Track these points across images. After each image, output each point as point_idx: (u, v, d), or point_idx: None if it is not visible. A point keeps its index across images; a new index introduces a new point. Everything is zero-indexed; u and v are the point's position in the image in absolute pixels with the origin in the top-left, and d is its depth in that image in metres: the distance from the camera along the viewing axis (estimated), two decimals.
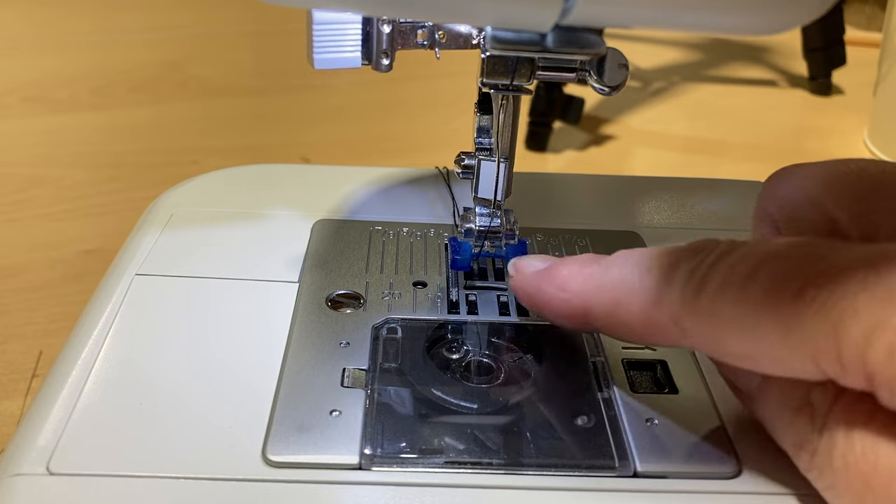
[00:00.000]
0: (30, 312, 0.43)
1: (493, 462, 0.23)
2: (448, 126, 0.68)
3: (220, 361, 0.27)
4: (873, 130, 0.69)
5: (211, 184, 0.38)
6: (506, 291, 0.31)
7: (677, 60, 0.87)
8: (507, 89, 0.27)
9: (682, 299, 0.21)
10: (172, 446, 0.23)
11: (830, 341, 0.18)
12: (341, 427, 0.24)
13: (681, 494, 0.23)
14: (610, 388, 0.26)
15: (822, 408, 0.20)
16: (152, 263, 0.31)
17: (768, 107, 0.78)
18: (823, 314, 0.18)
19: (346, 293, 0.30)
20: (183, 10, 0.96)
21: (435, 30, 0.28)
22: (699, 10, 0.19)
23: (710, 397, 0.26)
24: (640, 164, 0.65)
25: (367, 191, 0.38)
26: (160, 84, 0.76)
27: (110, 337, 0.27)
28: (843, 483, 0.19)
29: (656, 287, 0.22)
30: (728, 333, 0.20)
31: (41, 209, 0.54)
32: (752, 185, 0.40)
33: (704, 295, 0.21)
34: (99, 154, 0.62)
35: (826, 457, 0.20)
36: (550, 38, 0.22)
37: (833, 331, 0.18)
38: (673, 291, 0.21)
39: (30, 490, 0.22)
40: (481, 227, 0.31)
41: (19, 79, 0.75)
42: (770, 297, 0.19)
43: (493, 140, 0.30)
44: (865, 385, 0.18)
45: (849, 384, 0.19)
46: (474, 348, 0.28)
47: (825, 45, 0.77)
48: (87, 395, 0.25)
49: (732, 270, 0.20)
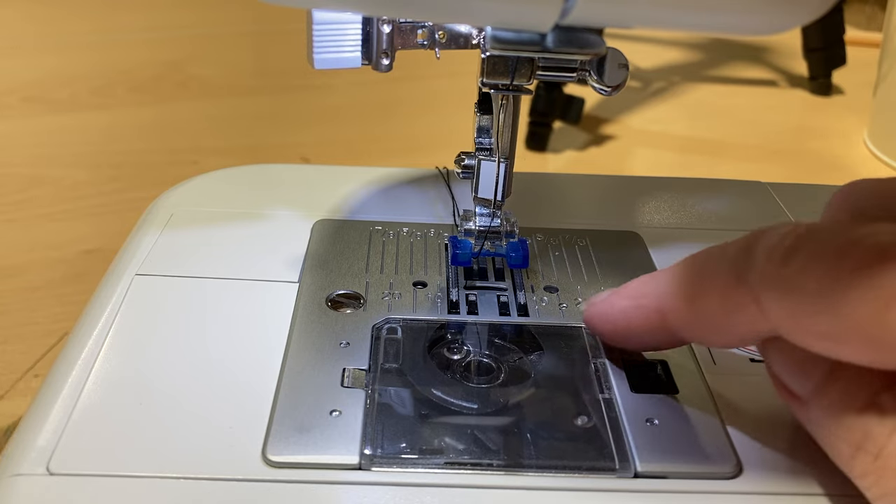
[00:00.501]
0: (30, 312, 0.43)
1: (494, 462, 0.23)
2: (448, 126, 0.68)
3: (219, 361, 0.27)
4: (873, 130, 0.69)
5: (211, 184, 0.38)
6: (506, 291, 0.31)
7: (677, 60, 0.87)
8: (507, 89, 0.27)
9: (764, 273, 0.20)
10: (172, 446, 0.23)
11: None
12: (341, 427, 0.24)
13: (681, 494, 0.23)
14: (610, 389, 0.26)
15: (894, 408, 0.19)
16: (152, 263, 0.31)
17: (768, 107, 0.78)
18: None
19: (346, 293, 0.30)
20: (183, 10, 0.96)
21: (435, 30, 0.28)
22: (699, 10, 0.19)
23: (711, 397, 0.26)
24: (639, 164, 0.65)
25: (367, 191, 0.38)
26: (160, 84, 0.76)
27: (110, 337, 0.27)
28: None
29: (735, 264, 0.21)
30: (813, 309, 0.19)
31: (41, 209, 0.54)
32: (752, 185, 0.40)
33: (790, 265, 0.19)
34: (99, 154, 0.62)
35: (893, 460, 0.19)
36: (550, 38, 0.22)
37: None
38: (755, 266, 0.20)
39: (30, 490, 0.22)
40: (481, 227, 0.31)
41: (19, 79, 0.75)
42: (866, 272, 0.18)
43: (493, 140, 0.30)
44: None
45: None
46: (474, 348, 0.28)
47: (825, 45, 0.77)
48: (87, 395, 0.25)
49: (822, 245, 0.19)
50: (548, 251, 0.34)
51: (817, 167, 0.65)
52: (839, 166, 0.66)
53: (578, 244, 0.34)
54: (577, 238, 0.35)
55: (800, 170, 0.65)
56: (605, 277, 0.32)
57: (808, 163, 0.66)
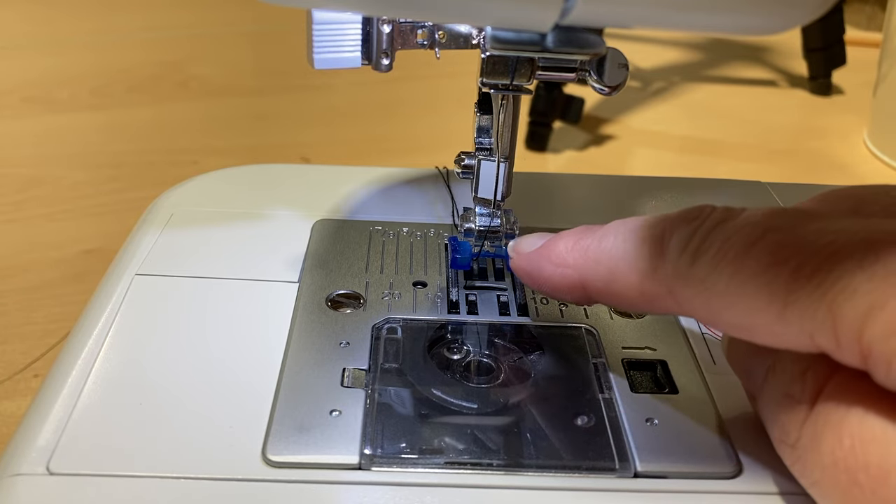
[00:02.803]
0: (30, 312, 0.43)
1: (494, 462, 0.23)
2: (448, 126, 0.68)
3: (220, 361, 0.27)
4: (873, 130, 0.69)
5: (211, 184, 0.38)
6: (506, 291, 0.31)
7: (677, 60, 0.87)
8: (507, 89, 0.27)
9: (677, 270, 0.21)
10: (172, 446, 0.23)
11: (827, 319, 0.18)
12: (341, 427, 0.24)
13: (681, 494, 0.23)
14: (610, 389, 0.26)
15: (805, 398, 0.20)
16: (152, 263, 0.31)
17: (768, 107, 0.78)
18: (821, 292, 0.18)
19: (346, 293, 0.30)
20: (183, 10, 0.96)
21: (435, 30, 0.28)
22: (699, 10, 0.19)
23: (710, 397, 0.26)
24: (639, 164, 0.65)
25: (367, 191, 0.38)
26: (160, 84, 0.76)
27: (110, 337, 0.27)
28: (829, 480, 0.19)
29: (650, 257, 0.22)
30: (723, 305, 0.20)
31: (41, 209, 0.54)
32: (752, 185, 0.40)
33: (699, 266, 0.20)
34: (99, 154, 0.62)
35: (811, 451, 0.20)
36: (550, 38, 0.22)
37: (829, 309, 0.18)
38: (667, 262, 0.21)
39: (30, 490, 0.22)
40: (481, 227, 0.31)
41: (19, 79, 0.75)
42: (767, 272, 0.19)
43: (493, 140, 0.30)
44: (860, 363, 0.18)
45: (844, 361, 0.19)
46: (474, 348, 0.28)
47: (825, 45, 0.77)
48: (87, 395, 0.25)
49: (728, 242, 0.20)
50: None
51: (817, 167, 0.65)
52: (839, 166, 0.66)
53: None
54: None
55: (799, 170, 0.65)
56: None
57: (808, 163, 0.66)
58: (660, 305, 0.22)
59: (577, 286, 0.24)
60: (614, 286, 0.23)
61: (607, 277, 0.23)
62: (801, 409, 0.20)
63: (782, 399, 0.21)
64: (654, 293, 0.22)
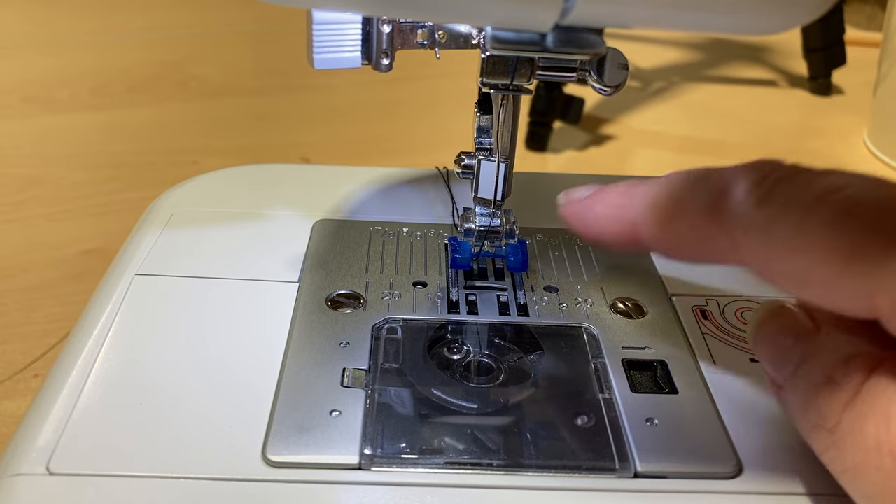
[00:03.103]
0: (30, 312, 0.43)
1: (494, 462, 0.23)
2: (448, 126, 0.68)
3: (220, 361, 0.27)
4: (873, 130, 0.69)
5: (211, 184, 0.38)
6: (506, 291, 0.31)
7: (677, 60, 0.87)
8: (507, 89, 0.27)
9: (740, 211, 0.20)
10: (172, 446, 0.23)
11: (892, 280, 0.18)
12: (341, 427, 0.24)
13: (681, 494, 0.23)
14: (610, 389, 0.26)
15: (850, 382, 0.20)
16: (152, 263, 0.31)
17: (768, 107, 0.78)
18: (892, 252, 0.18)
19: (346, 293, 0.30)
20: (182, 10, 0.96)
21: (435, 30, 0.28)
22: (699, 10, 0.19)
23: (710, 397, 0.26)
24: (640, 164, 0.65)
25: (367, 191, 0.38)
26: (160, 84, 0.76)
27: (110, 337, 0.27)
28: (872, 463, 0.19)
29: (713, 197, 0.21)
30: (784, 252, 0.20)
31: (41, 209, 0.54)
32: None
33: (766, 209, 0.20)
34: (99, 154, 0.62)
35: (852, 434, 0.19)
36: (550, 38, 0.22)
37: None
38: (732, 202, 0.21)
39: (30, 490, 0.22)
40: (481, 227, 0.31)
41: (19, 79, 0.75)
42: (836, 223, 0.19)
43: (493, 140, 0.30)
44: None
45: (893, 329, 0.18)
46: (474, 348, 0.28)
47: (825, 45, 0.77)
48: (87, 395, 0.25)
49: (801, 191, 0.20)
50: (548, 251, 0.34)
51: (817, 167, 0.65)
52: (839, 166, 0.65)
53: (578, 244, 0.34)
54: (577, 238, 0.34)
55: None
56: (605, 277, 0.32)
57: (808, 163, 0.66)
58: (714, 250, 0.21)
59: (630, 228, 0.23)
60: (669, 227, 0.22)
61: (662, 218, 0.22)
62: (844, 393, 0.20)
63: (822, 383, 0.21)
64: (710, 234, 0.21)
